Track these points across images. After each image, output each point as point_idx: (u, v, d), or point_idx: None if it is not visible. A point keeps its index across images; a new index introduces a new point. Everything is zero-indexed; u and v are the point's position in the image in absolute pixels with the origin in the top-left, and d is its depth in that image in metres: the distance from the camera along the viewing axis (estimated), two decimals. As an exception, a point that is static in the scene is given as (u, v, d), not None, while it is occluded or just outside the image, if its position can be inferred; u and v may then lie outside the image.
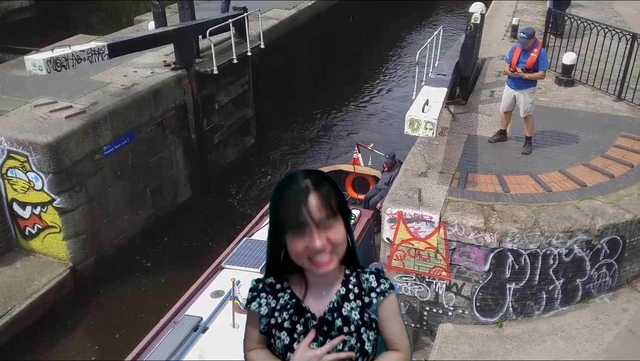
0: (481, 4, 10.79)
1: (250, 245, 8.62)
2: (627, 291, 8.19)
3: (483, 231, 7.38)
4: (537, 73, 8.77)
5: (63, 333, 9.71)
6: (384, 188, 10.23)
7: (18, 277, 9.88)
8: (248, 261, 8.15)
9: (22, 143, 9.53)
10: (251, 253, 8.35)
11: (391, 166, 10.62)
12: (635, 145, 9.37)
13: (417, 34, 26.29)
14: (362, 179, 11.89)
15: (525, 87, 8.85)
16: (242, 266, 8.04)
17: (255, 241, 8.72)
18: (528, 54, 8.69)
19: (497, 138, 9.51)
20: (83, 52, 9.90)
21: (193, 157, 13.21)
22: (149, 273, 11.05)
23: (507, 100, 9.15)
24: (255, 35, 14.58)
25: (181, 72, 12.46)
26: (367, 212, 9.93)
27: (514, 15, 16.78)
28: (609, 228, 7.54)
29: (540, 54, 8.70)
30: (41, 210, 10.00)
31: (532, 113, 9.02)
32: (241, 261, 8.17)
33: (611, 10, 17.91)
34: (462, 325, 8.01)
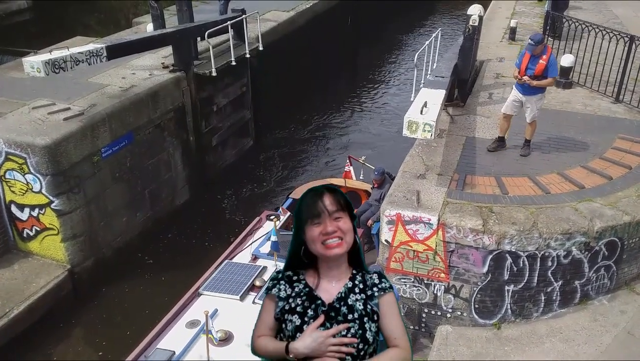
0: (479, 6, 10.80)
1: (231, 268, 8.21)
2: (625, 293, 8.19)
3: (481, 233, 7.38)
4: (546, 80, 8.60)
5: (61, 336, 9.68)
6: (375, 205, 9.97)
7: (16, 279, 9.86)
8: (227, 287, 7.71)
9: (20, 145, 9.51)
10: (231, 277, 7.91)
11: (381, 182, 10.18)
12: (633, 147, 9.38)
13: (415, 36, 26.33)
14: (353, 193, 11.40)
15: (533, 94, 8.74)
16: (220, 292, 7.64)
17: (236, 264, 8.30)
18: (537, 60, 8.53)
19: (496, 146, 9.30)
20: (81, 54, 9.90)
21: (191, 159, 13.21)
22: (147, 275, 11.03)
23: (512, 103, 8.99)
24: (254, 37, 14.59)
25: (179, 74, 12.46)
26: (357, 230, 9.79)
27: (512, 18, 16.81)
28: (607, 230, 7.54)
29: (550, 61, 8.52)
30: (39, 212, 9.99)
31: (536, 119, 9.00)
32: (220, 287, 7.77)
33: (609, 12, 17.96)
34: (461, 326, 8.01)
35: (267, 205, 13.41)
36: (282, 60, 16.41)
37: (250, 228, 9.75)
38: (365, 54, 23.40)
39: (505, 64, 13.23)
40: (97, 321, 10.04)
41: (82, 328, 9.95)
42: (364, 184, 11.51)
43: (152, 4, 13.19)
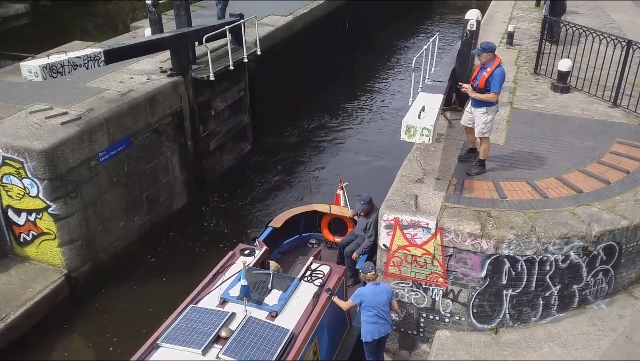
0: (477, 11, 10.83)
1: (195, 315, 7.00)
2: (623, 298, 8.19)
3: (480, 237, 7.38)
4: (485, 95, 8.08)
5: (58, 341, 9.63)
6: (361, 235, 9.35)
7: (13, 284, 9.83)
8: (189, 338, 6.60)
9: (17, 149, 9.49)
10: (194, 326, 6.78)
11: (368, 212, 9.27)
12: (630, 151, 9.40)
13: (413, 41, 26.39)
14: (339, 221, 10.52)
15: (478, 106, 8.31)
16: (181, 345, 6.52)
17: (202, 310, 7.10)
18: (483, 71, 8.13)
19: (467, 156, 9.10)
20: (79, 59, 9.88)
21: (189, 163, 13.19)
22: (145, 280, 10.99)
23: (466, 114, 8.76)
24: (252, 42, 14.62)
25: (177, 79, 12.46)
26: (339, 268, 8.36)
27: (510, 22, 16.88)
28: (605, 235, 7.54)
29: (493, 74, 7.99)
30: (36, 217, 9.96)
31: (488, 136, 8.46)
32: (181, 337, 6.62)
33: (606, 17, 18.04)
34: (459, 331, 8.00)
35: (263, 210, 13.40)
36: (280, 64, 16.43)
37: (221, 265, 8.18)
38: (363, 59, 23.45)
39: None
40: (94, 327, 9.99)
41: (78, 333, 9.91)
42: (350, 211, 10.32)
43: (150, 8, 13.21)
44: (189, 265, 11.41)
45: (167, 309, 7.71)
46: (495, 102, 8.31)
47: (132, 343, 9.44)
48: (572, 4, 17.63)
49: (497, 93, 8.12)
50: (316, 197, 13.42)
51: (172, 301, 8.19)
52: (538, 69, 12.88)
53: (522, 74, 12.95)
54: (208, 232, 12.59)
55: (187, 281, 10.87)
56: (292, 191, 14.26)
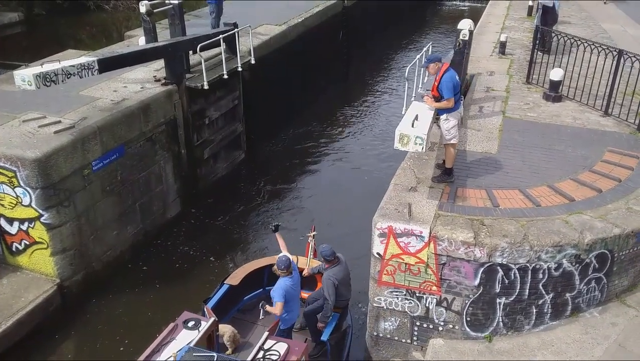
0: (470, 21, 10.93)
1: None
2: (616, 306, 8.21)
3: (473, 245, 7.39)
4: (439, 102, 8.21)
5: (50, 350, 9.57)
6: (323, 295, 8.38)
7: (4, 294, 9.76)
8: None
9: (10, 158, 9.46)
10: None
11: (335, 264, 8.42)
12: (622, 160, 9.46)
13: (406, 50, 26.56)
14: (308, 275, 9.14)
15: (440, 114, 8.45)
16: None
17: None
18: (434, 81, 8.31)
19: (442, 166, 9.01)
20: (73, 67, 9.89)
21: (183, 172, 13.18)
22: (138, 289, 10.93)
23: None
24: (246, 51, 14.67)
25: (171, 87, 12.47)
26: (299, 345, 6.95)
27: (502, 32, 17.00)
28: (597, 243, 7.57)
29: (440, 81, 8.13)
30: (29, 226, 9.91)
31: (453, 143, 8.43)
32: None
33: (597, 27, 18.21)
34: (453, 340, 7.99)
35: (258, 219, 13.39)
36: (273, 73, 16.47)
37: (158, 341, 6.72)
38: (357, 68, 23.55)
39: (495, 77, 13.36)
40: (86, 336, 9.93)
41: (70, 342, 9.84)
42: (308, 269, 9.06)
43: (145, 17, 13.24)
44: (182, 274, 11.39)
45: (160, 318, 7.65)
46: (456, 108, 8.36)
47: (124, 352, 9.40)
48: (563, 14, 17.81)
49: (450, 98, 8.16)
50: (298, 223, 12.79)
51: (165, 310, 8.17)
52: (530, 78, 12.97)
53: (514, 83, 13.03)
54: (201, 240, 12.53)
55: (179, 291, 10.85)
56: (282, 204, 14.23)
